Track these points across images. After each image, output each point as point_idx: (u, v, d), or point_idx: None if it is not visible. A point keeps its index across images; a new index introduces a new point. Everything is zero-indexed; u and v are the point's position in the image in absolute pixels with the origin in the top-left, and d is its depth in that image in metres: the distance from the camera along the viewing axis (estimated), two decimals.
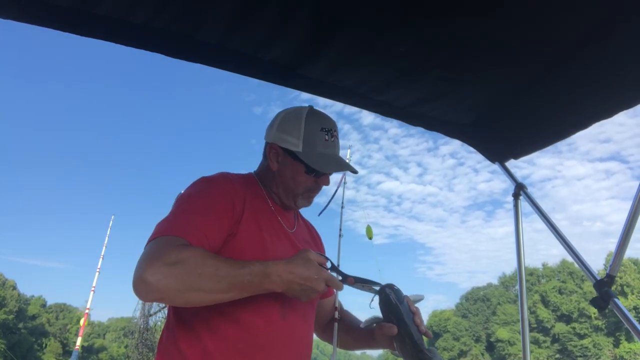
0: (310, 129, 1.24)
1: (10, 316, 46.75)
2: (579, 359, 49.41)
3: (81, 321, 12.19)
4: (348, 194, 1.73)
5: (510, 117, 1.90)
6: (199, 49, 1.57)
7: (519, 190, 2.00)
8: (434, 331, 58.15)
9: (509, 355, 52.05)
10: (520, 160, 2.13)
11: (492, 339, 55.32)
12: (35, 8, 1.34)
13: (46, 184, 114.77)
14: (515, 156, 2.11)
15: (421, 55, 1.57)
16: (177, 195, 1.17)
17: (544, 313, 52.94)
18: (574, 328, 51.00)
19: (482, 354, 56.11)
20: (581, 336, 50.36)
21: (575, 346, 50.13)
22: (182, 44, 1.54)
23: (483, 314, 58.99)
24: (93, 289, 12.21)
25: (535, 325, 52.28)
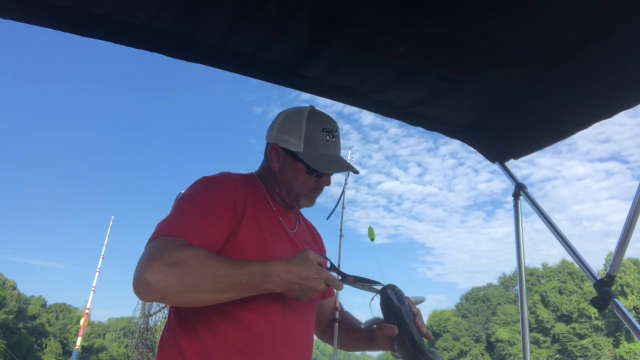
0: (311, 129, 1.24)
1: (10, 316, 46.77)
2: (579, 359, 49.40)
3: (81, 321, 12.20)
4: (348, 194, 1.72)
5: (510, 117, 1.90)
6: (199, 49, 1.57)
7: (519, 190, 2.00)
8: (434, 331, 58.15)
9: (508, 355, 52.05)
10: (520, 160, 2.13)
11: (492, 339, 55.31)
12: (35, 8, 1.34)
13: (46, 184, 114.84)
14: (515, 156, 2.11)
15: (421, 55, 1.57)
16: (178, 195, 1.17)
17: (544, 313, 52.94)
18: (574, 328, 51.01)
19: (482, 354, 56.11)
20: (581, 336, 50.36)
21: (575, 346, 50.12)
22: (182, 44, 1.54)
23: (483, 314, 58.99)
24: (93, 289, 12.23)
25: (535, 325, 52.28)
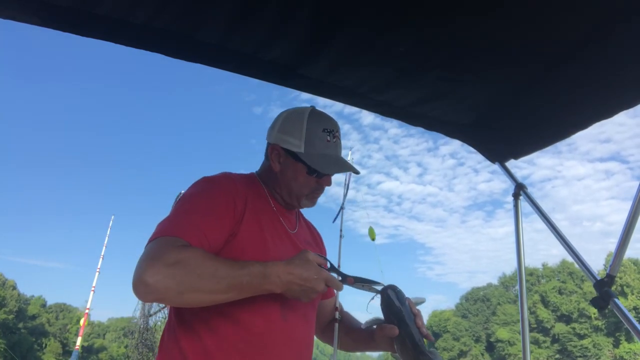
0: (312, 129, 1.24)
1: (10, 316, 46.77)
2: (579, 359, 49.41)
3: (81, 321, 12.19)
4: (348, 194, 1.73)
5: (510, 117, 1.90)
6: (199, 49, 1.57)
7: (519, 190, 2.00)
8: (434, 331, 58.18)
9: (508, 355, 52.06)
10: (520, 160, 2.13)
11: (492, 339, 55.32)
12: (35, 8, 1.34)
13: (46, 184, 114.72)
14: (515, 156, 2.11)
15: (421, 55, 1.57)
16: (178, 195, 1.17)
17: (543, 313, 52.94)
18: (573, 328, 51.01)
19: (482, 354, 56.11)
20: (581, 336, 50.37)
21: (575, 346, 50.12)
22: (182, 44, 1.54)
23: (483, 314, 59.00)
24: (93, 289, 12.21)
25: (535, 325, 52.29)
